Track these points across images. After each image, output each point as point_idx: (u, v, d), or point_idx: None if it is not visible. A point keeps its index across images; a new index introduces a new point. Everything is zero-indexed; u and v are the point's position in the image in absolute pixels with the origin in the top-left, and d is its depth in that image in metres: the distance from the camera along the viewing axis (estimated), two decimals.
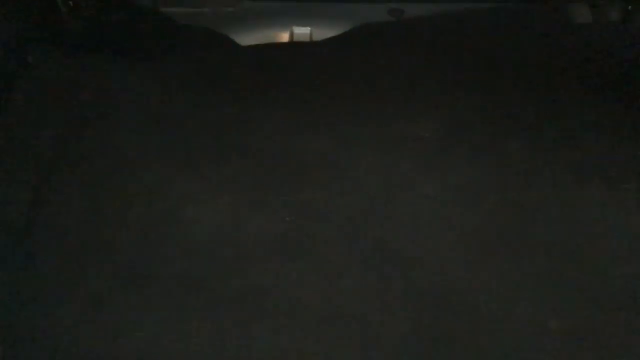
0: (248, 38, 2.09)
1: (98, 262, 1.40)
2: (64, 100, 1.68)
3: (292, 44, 2.03)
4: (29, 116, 1.63)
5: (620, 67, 1.91)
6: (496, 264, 1.41)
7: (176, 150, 1.63)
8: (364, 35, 2.04)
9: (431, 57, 1.93)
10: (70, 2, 2.03)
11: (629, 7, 2.01)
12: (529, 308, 1.34)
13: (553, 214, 1.51)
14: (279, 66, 1.92)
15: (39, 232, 1.44)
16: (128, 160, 1.59)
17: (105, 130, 1.65)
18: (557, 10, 2.08)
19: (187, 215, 1.49)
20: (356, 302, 1.34)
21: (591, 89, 1.83)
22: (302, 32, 2.10)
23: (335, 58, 1.96)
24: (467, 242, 1.45)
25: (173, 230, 1.47)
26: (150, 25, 2.06)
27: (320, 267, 1.41)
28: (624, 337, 1.31)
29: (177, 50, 1.98)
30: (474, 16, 2.07)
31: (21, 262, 1.40)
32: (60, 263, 1.40)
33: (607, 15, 2.06)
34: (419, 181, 1.57)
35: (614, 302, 1.36)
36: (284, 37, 2.12)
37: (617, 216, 1.50)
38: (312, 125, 1.71)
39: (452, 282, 1.37)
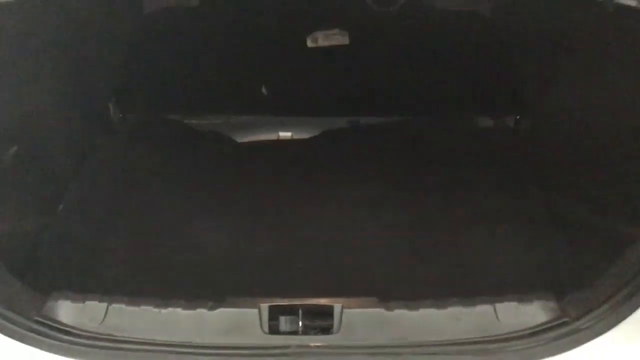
0: (246, 139, 2.91)
1: (138, 262, 2.09)
2: (119, 170, 2.47)
3: (277, 141, 2.84)
4: (96, 179, 2.41)
5: (511, 158, 2.67)
6: (411, 268, 2.08)
7: (193, 201, 2.37)
8: (330, 136, 2.85)
9: (374, 150, 2.72)
10: (120, 115, 2.88)
11: (518, 117, 2.83)
12: (431, 295, 1.97)
13: (449, 243, 2.21)
14: (267, 153, 2.72)
15: (102, 250, 2.15)
16: (160, 207, 2.34)
17: (144, 187, 2.42)
18: (468, 121, 2.91)
19: (203, 241, 2.20)
20: (315, 289, 1.98)
21: (489, 173, 2.57)
22: (286, 135, 2.92)
23: (308, 150, 2.76)
24: (393, 255, 2.14)
25: (192, 249, 2.17)
26: (176, 130, 2.88)
27: (294, 270, 2.06)
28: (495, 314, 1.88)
29: (193, 144, 2.78)
30: (407, 126, 2.88)
31: (93, 264, 2.09)
32: (117, 263, 2.10)
33: (505, 122, 2.87)
34: (365, 221, 2.29)
35: (486, 292, 1.99)
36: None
37: (491, 245, 2.18)
38: (290, 189, 2.46)
39: (377, 275, 2.04)
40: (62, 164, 2.40)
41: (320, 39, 2.63)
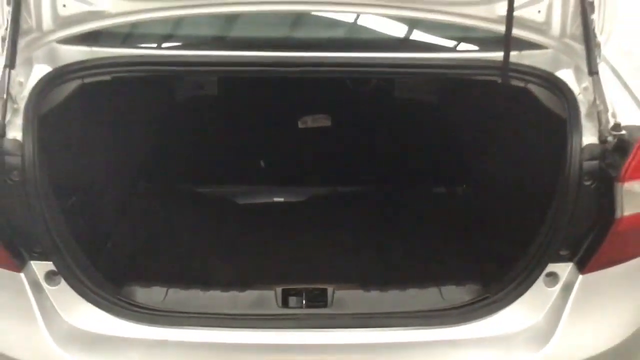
0: (245, 203, 3.59)
1: (175, 276, 2.64)
2: (148, 224, 3.12)
3: (271, 202, 3.52)
4: (132, 229, 3.05)
5: (459, 216, 3.36)
6: (381, 271, 2.68)
7: (206, 246, 3.00)
8: (314, 201, 3.54)
9: (350, 210, 3.40)
10: (143, 184, 3.55)
11: (464, 185, 3.57)
12: (396, 282, 2.52)
13: (409, 261, 2.78)
14: (263, 213, 3.39)
15: (146, 267, 2.74)
16: (181, 248, 2.96)
17: (167, 236, 3.05)
18: (426, 190, 3.63)
19: (222, 267, 2.80)
20: (314, 280, 2.49)
21: (441, 226, 3.24)
22: (279, 200, 3.61)
23: (297, 211, 3.44)
24: (368, 265, 2.75)
25: (216, 268, 2.74)
26: (187, 195, 3.55)
27: (297, 273, 2.58)
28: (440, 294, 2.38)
29: (202, 206, 3.44)
30: (376, 193, 3.59)
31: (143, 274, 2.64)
32: (159, 273, 2.66)
33: (455, 190, 3.61)
34: (343, 252, 2.92)
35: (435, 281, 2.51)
36: None
37: (440, 262, 2.78)
38: (282, 237, 3.10)
39: (357, 275, 2.60)
40: (106, 215, 3.05)
41: (309, 122, 3.39)
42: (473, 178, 3.46)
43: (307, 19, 2.70)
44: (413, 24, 2.60)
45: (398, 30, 2.67)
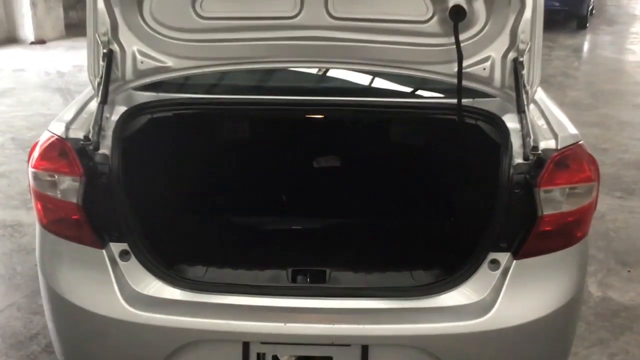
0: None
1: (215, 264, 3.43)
2: (190, 233, 3.89)
3: (291, 230, 4.27)
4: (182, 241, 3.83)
5: (445, 243, 4.06)
6: (368, 264, 3.36)
7: (237, 257, 3.74)
8: (326, 229, 4.25)
9: (355, 237, 4.13)
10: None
11: (452, 218, 4.29)
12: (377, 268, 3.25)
13: (393, 263, 3.51)
14: (284, 237, 4.12)
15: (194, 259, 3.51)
16: (217, 247, 3.69)
17: (208, 241, 3.80)
18: (418, 222, 4.34)
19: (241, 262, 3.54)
20: (316, 265, 3.24)
21: (430, 250, 3.95)
22: (297, 227, 4.35)
23: (312, 236, 4.13)
24: (358, 262, 3.43)
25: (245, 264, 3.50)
26: (221, 221, 4.30)
27: (305, 264, 3.32)
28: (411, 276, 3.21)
29: (233, 227, 4.19)
30: (377, 225, 4.30)
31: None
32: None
33: (444, 223, 4.31)
34: (339, 253, 3.63)
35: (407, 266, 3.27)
36: None
37: (418, 262, 3.51)
38: (299, 254, 3.80)
39: (349, 264, 3.32)
40: (162, 219, 3.80)
41: (322, 162, 4.18)
42: (456, 209, 4.19)
43: (318, 77, 3.57)
44: (395, 78, 3.44)
45: (386, 83, 3.52)
